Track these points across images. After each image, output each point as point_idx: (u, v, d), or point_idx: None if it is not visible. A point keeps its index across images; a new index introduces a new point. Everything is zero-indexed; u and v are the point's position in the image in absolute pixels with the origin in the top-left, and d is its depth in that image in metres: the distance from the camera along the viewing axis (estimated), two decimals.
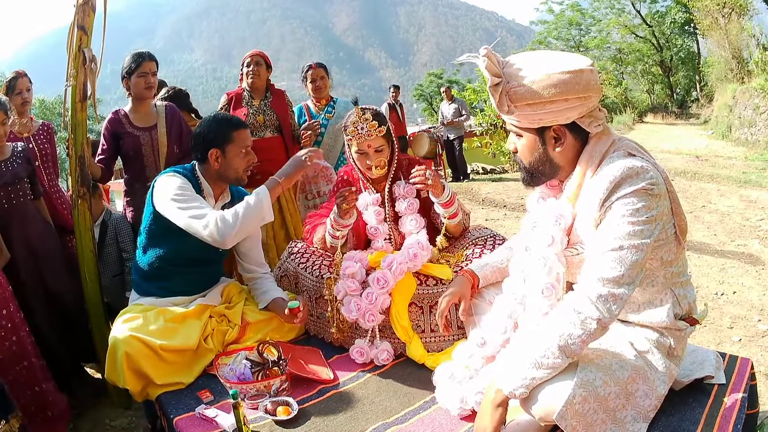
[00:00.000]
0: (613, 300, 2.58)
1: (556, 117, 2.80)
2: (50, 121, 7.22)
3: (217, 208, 4.26)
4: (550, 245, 2.92)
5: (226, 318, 4.23)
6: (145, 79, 5.48)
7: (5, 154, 4.87)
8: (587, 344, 2.63)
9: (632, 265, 2.58)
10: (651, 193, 2.62)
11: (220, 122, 4.14)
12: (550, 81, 2.70)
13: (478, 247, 4.25)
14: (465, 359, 3.37)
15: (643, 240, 2.59)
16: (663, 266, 2.87)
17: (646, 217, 2.60)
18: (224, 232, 3.75)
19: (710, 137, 25.79)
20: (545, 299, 2.96)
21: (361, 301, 3.99)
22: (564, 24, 51.29)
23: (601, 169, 2.75)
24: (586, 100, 2.74)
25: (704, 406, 3.10)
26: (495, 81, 2.83)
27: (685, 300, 2.95)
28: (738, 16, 30.00)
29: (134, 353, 3.60)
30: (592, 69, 2.74)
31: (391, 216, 4.47)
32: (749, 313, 6.37)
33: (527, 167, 3.03)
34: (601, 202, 2.68)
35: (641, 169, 2.63)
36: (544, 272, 2.95)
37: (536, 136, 2.92)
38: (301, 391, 3.66)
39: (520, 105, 2.82)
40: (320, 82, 6.98)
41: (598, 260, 2.65)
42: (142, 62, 5.46)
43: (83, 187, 4.90)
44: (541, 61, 2.83)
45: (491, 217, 11.84)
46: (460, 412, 3.27)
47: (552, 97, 2.71)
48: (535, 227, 3.02)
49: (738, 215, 10.77)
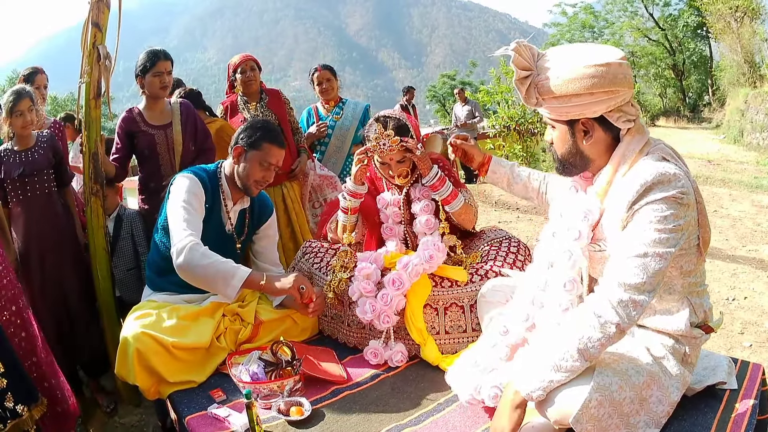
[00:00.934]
0: (633, 306, 2.58)
1: (583, 110, 2.81)
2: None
3: (234, 211, 4.32)
4: (577, 239, 2.94)
5: (240, 317, 4.23)
6: (159, 79, 5.37)
7: (29, 143, 4.90)
8: (605, 348, 2.64)
9: (655, 273, 2.58)
10: (680, 202, 2.62)
11: (260, 129, 4.19)
12: (575, 74, 2.72)
13: (493, 248, 4.28)
14: (488, 348, 3.37)
15: (668, 249, 2.59)
16: (682, 276, 2.88)
17: (674, 225, 2.60)
18: (184, 261, 3.74)
19: (722, 141, 25.68)
20: (567, 293, 2.99)
21: (376, 302, 3.99)
22: (577, 26, 51.12)
23: (633, 169, 2.76)
24: (614, 95, 2.74)
25: (716, 411, 3.10)
26: (523, 74, 2.87)
27: (701, 308, 2.96)
28: (750, 20, 29.89)
29: (146, 350, 3.62)
30: (621, 63, 2.74)
31: (407, 218, 4.46)
32: (760, 319, 6.37)
33: (560, 158, 3.05)
34: (629, 204, 2.69)
35: (674, 177, 2.63)
36: (569, 265, 2.97)
37: (567, 128, 2.94)
38: (314, 392, 3.66)
39: (548, 98, 2.86)
40: (326, 84, 6.95)
41: (622, 265, 2.65)
42: (156, 61, 5.34)
43: (96, 185, 4.90)
44: (572, 54, 2.85)
45: (504, 219, 11.82)
46: (470, 399, 3.25)
47: (577, 91, 2.73)
48: (563, 216, 3.05)
49: (749, 220, 10.75)
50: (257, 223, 4.54)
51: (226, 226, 4.35)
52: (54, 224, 5.00)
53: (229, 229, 4.36)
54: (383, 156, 4.10)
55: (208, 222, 4.16)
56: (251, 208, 4.45)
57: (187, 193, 4.03)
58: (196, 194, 4.07)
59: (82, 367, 5.31)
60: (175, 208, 3.96)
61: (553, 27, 53.52)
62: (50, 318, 4.90)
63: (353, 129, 6.89)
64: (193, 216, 3.97)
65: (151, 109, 5.53)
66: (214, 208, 4.24)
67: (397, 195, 4.42)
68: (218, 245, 3.91)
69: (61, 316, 5.04)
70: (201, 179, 4.15)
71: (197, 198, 4.07)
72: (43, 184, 4.92)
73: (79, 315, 5.10)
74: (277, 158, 4.20)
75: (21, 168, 4.81)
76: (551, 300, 3.06)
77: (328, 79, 6.94)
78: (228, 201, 4.27)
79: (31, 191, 4.86)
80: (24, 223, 4.87)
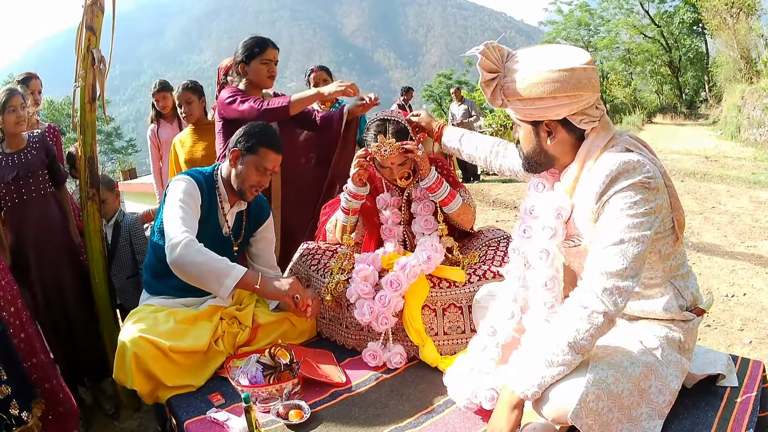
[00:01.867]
0: (618, 293, 2.60)
1: (545, 113, 2.85)
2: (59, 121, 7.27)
3: (231, 213, 4.32)
4: (552, 238, 2.98)
5: (237, 320, 4.22)
6: (267, 67, 5.26)
7: (20, 144, 4.87)
8: (596, 339, 2.66)
9: (635, 257, 2.61)
10: (648, 186, 2.65)
11: (259, 134, 4.17)
12: (539, 79, 2.76)
13: (491, 249, 4.28)
14: (479, 351, 3.37)
15: (644, 232, 2.62)
16: (661, 260, 2.91)
17: (645, 209, 2.63)
18: (178, 257, 3.70)
19: (719, 138, 25.75)
20: (548, 291, 3.02)
21: (374, 303, 3.98)
22: (573, 24, 51.25)
23: (598, 163, 2.79)
24: (577, 98, 2.76)
25: (717, 409, 3.10)
26: (489, 77, 2.93)
27: (687, 291, 2.99)
28: (746, 16, 30.00)
29: (143, 354, 3.60)
30: (586, 68, 2.75)
31: (406, 219, 4.46)
32: (760, 315, 6.37)
33: (525, 156, 3.10)
34: (598, 196, 2.72)
35: (637, 164, 2.67)
36: (547, 264, 3.02)
37: (531, 128, 2.98)
38: (313, 395, 3.66)
39: (512, 100, 2.90)
40: (323, 85, 6.82)
41: (601, 255, 2.67)
42: (266, 48, 5.24)
43: (92, 189, 4.89)
44: (540, 56, 2.88)
45: (502, 218, 11.86)
46: (467, 404, 3.28)
47: (540, 95, 2.77)
48: (533, 213, 3.10)
49: (748, 216, 10.77)
50: (254, 225, 4.53)
51: (223, 229, 4.33)
52: (50, 227, 4.97)
53: (226, 231, 4.34)
54: (384, 161, 4.08)
55: (204, 224, 4.14)
56: (248, 211, 4.43)
57: (184, 193, 4.01)
58: (192, 195, 4.06)
59: (83, 371, 5.29)
60: (171, 208, 3.94)
61: (549, 25, 53.68)
62: (50, 321, 4.89)
63: None
64: (189, 215, 3.96)
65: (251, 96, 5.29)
66: (210, 210, 4.23)
67: (397, 195, 4.41)
68: (215, 248, 3.88)
69: (60, 319, 5.01)
70: (197, 181, 4.15)
71: (193, 199, 4.06)
72: (38, 185, 4.89)
73: (79, 318, 5.07)
74: (273, 164, 4.18)
75: (14, 171, 4.78)
76: (535, 299, 3.09)
77: (325, 80, 6.96)
78: (225, 203, 4.26)
79: (26, 194, 4.82)
80: (20, 227, 4.83)
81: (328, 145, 5.50)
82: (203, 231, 4.06)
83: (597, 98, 2.86)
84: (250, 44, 5.25)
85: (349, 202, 4.24)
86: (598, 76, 2.90)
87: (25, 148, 4.86)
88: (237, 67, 5.33)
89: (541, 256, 3.01)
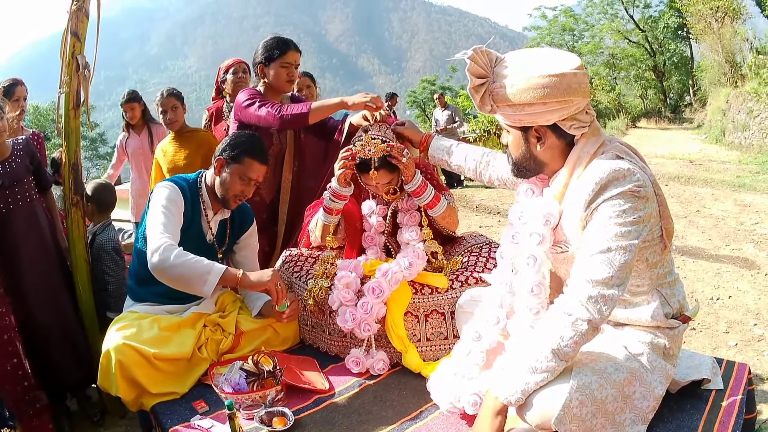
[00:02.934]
0: (603, 301, 2.60)
1: (536, 119, 2.84)
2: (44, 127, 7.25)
3: (215, 221, 4.31)
4: (539, 244, 2.96)
5: (221, 327, 4.21)
6: (287, 71, 4.99)
7: (5, 153, 4.80)
8: (580, 346, 2.65)
9: (621, 266, 2.60)
10: (637, 195, 2.64)
11: (245, 143, 4.15)
12: (528, 84, 2.74)
13: (473, 255, 4.27)
14: (464, 356, 3.37)
15: (631, 241, 2.62)
16: (648, 267, 2.90)
17: (633, 218, 2.63)
18: (159, 261, 3.70)
19: (704, 141, 25.85)
20: (534, 297, 3.01)
21: (356, 310, 3.98)
22: (557, 30, 51.36)
23: (588, 170, 2.78)
24: (567, 104, 2.76)
25: (702, 412, 3.11)
26: (477, 82, 2.90)
27: (674, 298, 2.98)
28: (731, 20, 30.07)
29: (127, 361, 3.59)
30: (576, 72, 2.75)
31: (390, 229, 4.46)
32: (745, 318, 6.39)
33: (514, 162, 3.10)
34: (586, 204, 2.71)
35: (627, 172, 2.66)
36: (533, 270, 3.00)
37: (521, 134, 2.97)
38: (296, 401, 3.65)
39: (502, 105, 2.88)
40: (306, 91, 6.91)
41: (587, 262, 2.67)
42: (287, 50, 4.96)
43: (76, 195, 4.87)
44: (529, 61, 2.87)
45: (485, 224, 11.86)
46: (450, 408, 3.29)
47: (530, 101, 2.76)
48: (522, 219, 3.07)
49: (732, 219, 10.81)
50: (238, 232, 4.52)
51: (207, 236, 4.32)
52: (39, 234, 4.89)
53: (210, 239, 4.33)
54: (368, 180, 4.06)
55: (188, 231, 4.15)
56: (232, 218, 4.43)
57: (167, 200, 4.01)
58: (175, 202, 4.05)
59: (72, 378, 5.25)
60: (154, 214, 3.94)
61: (533, 30, 53.75)
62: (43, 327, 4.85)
63: None
64: (171, 221, 3.95)
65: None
66: (194, 217, 4.22)
67: (383, 204, 4.41)
68: (200, 255, 3.87)
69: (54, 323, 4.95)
70: (181, 188, 4.14)
71: (176, 205, 4.05)
72: (25, 193, 4.82)
73: (73, 325, 5.02)
74: (258, 174, 4.16)
75: (0, 180, 4.74)
76: (521, 305, 3.08)
77: (308, 86, 6.93)
78: (209, 211, 4.26)
79: (13, 203, 4.76)
80: (8, 235, 4.79)
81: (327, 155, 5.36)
82: (187, 238, 4.07)
83: (587, 103, 2.86)
84: (270, 45, 5.02)
85: (332, 202, 4.21)
86: (588, 80, 2.89)
87: (9, 157, 4.80)
88: (256, 68, 5.13)
89: (528, 261, 3.00)
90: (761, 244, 9.15)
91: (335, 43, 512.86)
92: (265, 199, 5.29)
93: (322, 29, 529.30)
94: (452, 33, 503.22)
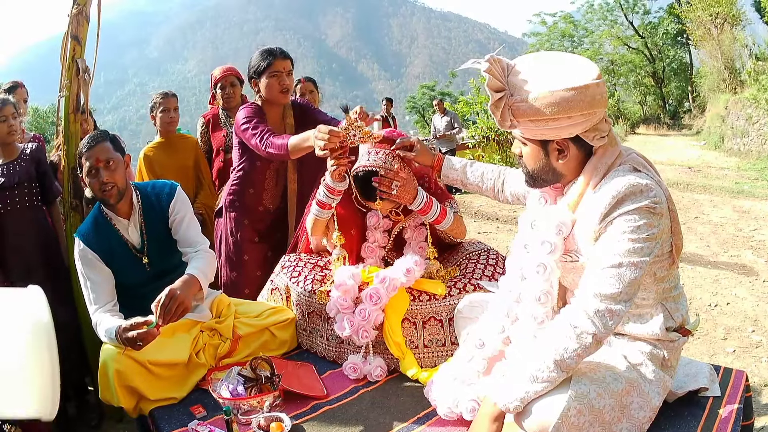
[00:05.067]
0: (609, 316, 2.58)
1: (559, 132, 2.79)
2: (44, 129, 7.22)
3: (132, 227, 4.17)
4: (550, 253, 2.93)
5: (218, 332, 4.20)
6: (278, 80, 4.90)
7: (13, 154, 4.84)
8: (582, 359, 2.64)
9: (630, 282, 2.59)
10: (653, 212, 2.63)
11: (78, 152, 4.00)
12: (553, 98, 2.68)
13: (471, 262, 4.26)
14: (465, 362, 3.37)
15: (643, 258, 2.60)
16: (656, 282, 2.89)
17: (647, 234, 2.60)
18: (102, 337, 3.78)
19: (703, 148, 25.87)
20: (540, 306, 2.99)
21: (354, 317, 3.98)
22: (557, 36, 51.40)
23: (605, 183, 2.75)
24: (591, 116, 2.73)
25: (699, 419, 3.10)
26: (497, 96, 2.81)
27: (677, 313, 2.96)
28: (731, 27, 30.12)
29: (125, 370, 3.59)
30: (599, 83, 2.71)
31: (391, 246, 4.49)
32: (743, 324, 6.39)
33: (530, 173, 3.04)
34: (602, 216, 2.69)
35: (645, 187, 2.64)
36: (542, 278, 2.97)
37: (540, 147, 2.92)
38: (294, 407, 3.64)
39: (523, 120, 2.80)
40: (309, 96, 6.92)
41: (597, 275, 2.65)
42: (273, 60, 4.88)
43: (76, 199, 4.88)
44: (546, 72, 2.81)
45: (484, 230, 11.84)
46: (447, 413, 3.28)
47: (554, 115, 2.70)
48: (534, 227, 3.02)
49: (731, 226, 10.82)
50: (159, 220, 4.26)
51: (130, 248, 4.18)
52: (37, 239, 4.93)
53: (132, 249, 4.18)
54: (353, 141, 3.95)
55: (116, 260, 4.07)
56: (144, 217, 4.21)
57: (82, 266, 4.00)
58: (87, 262, 3.99)
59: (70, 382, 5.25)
60: (82, 287, 4.00)
61: (533, 36, 53.82)
62: None
63: None
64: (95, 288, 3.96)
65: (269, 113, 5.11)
66: (112, 244, 4.11)
67: (388, 220, 4.41)
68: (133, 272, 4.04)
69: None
70: (86, 238, 4.04)
71: (90, 263, 4.00)
72: (24, 197, 4.85)
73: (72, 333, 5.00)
74: (94, 162, 3.91)
75: (1, 179, 4.75)
76: (525, 313, 3.06)
77: (311, 91, 6.97)
78: (118, 222, 4.14)
79: (11, 204, 4.78)
80: (6, 236, 4.80)
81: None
82: (120, 267, 4.07)
83: (605, 112, 2.84)
84: (256, 58, 4.99)
85: (327, 198, 4.18)
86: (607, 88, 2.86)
87: (16, 159, 4.83)
88: (251, 83, 5.12)
89: (538, 270, 2.97)
90: (759, 250, 9.15)
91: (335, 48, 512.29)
92: (269, 207, 5.29)
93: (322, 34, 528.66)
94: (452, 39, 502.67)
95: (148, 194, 4.24)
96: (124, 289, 4.07)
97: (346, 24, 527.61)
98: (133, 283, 4.07)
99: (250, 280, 5.32)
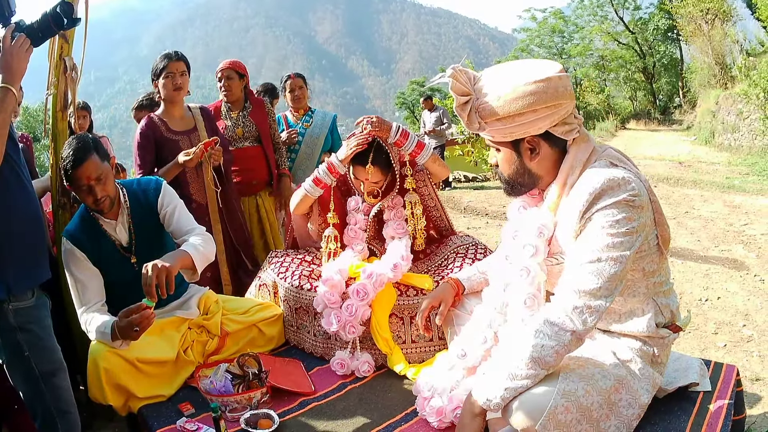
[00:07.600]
0: (589, 312, 2.58)
1: (528, 129, 2.79)
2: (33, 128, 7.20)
3: (120, 227, 4.12)
4: (533, 256, 2.92)
5: (205, 329, 4.21)
6: (172, 81, 5.31)
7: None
8: (562, 356, 2.64)
9: (611, 277, 2.58)
10: (632, 205, 2.61)
11: (65, 159, 3.84)
12: (516, 94, 2.71)
13: (459, 256, 4.26)
14: (446, 371, 3.36)
15: (623, 252, 2.59)
16: (645, 277, 2.87)
17: (626, 228, 2.59)
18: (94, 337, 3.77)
19: (693, 143, 25.95)
20: (527, 309, 2.96)
21: (341, 313, 3.98)
22: (547, 31, 51.52)
23: (582, 179, 2.74)
24: (557, 108, 2.73)
25: (689, 414, 3.10)
26: (462, 100, 2.86)
27: (667, 309, 2.95)
28: (721, 22, 30.19)
29: (113, 368, 3.60)
30: (561, 75, 2.73)
31: (372, 228, 4.50)
32: (734, 319, 6.38)
33: (507, 179, 3.04)
34: (581, 214, 2.68)
35: (623, 181, 2.62)
36: (527, 282, 2.96)
37: (512, 149, 2.92)
38: (282, 404, 3.65)
39: (490, 121, 2.82)
40: (299, 92, 6.97)
41: (576, 272, 2.65)
42: (168, 63, 5.30)
43: (64, 197, 4.85)
44: (510, 73, 2.83)
45: (473, 225, 11.85)
46: (438, 425, 3.28)
47: (520, 110, 2.71)
48: (517, 236, 3.02)
49: (722, 221, 10.82)
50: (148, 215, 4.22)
51: (118, 248, 4.14)
52: None
53: (120, 248, 4.14)
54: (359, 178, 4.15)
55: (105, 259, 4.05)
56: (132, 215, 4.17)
57: (69, 266, 3.97)
58: (76, 262, 3.96)
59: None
60: (70, 287, 3.98)
61: (523, 32, 53.99)
62: None
63: (323, 137, 6.89)
64: (83, 288, 3.95)
65: (170, 114, 5.51)
66: (100, 244, 4.07)
67: (368, 203, 4.43)
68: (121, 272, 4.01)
69: None
70: (73, 238, 4.00)
71: (78, 263, 3.97)
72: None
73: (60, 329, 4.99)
74: (88, 173, 3.82)
75: None
76: (513, 316, 3.06)
77: (300, 87, 6.96)
78: (106, 224, 4.09)
79: None
80: None
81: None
82: (107, 266, 4.04)
83: (573, 106, 2.84)
84: (155, 63, 5.46)
85: (326, 176, 4.31)
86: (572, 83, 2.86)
87: None
88: (153, 85, 5.57)
89: (521, 273, 2.97)
90: (750, 245, 9.16)
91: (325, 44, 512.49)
92: (200, 202, 5.42)
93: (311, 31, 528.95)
94: (442, 35, 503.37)
95: (134, 191, 4.21)
96: (112, 287, 4.04)
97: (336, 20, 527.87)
98: (120, 282, 4.04)
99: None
